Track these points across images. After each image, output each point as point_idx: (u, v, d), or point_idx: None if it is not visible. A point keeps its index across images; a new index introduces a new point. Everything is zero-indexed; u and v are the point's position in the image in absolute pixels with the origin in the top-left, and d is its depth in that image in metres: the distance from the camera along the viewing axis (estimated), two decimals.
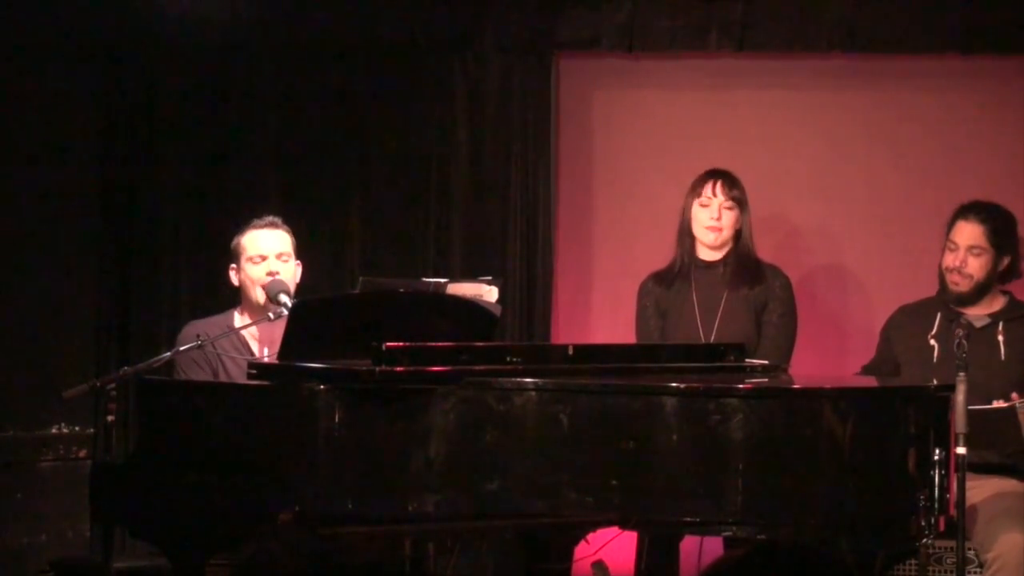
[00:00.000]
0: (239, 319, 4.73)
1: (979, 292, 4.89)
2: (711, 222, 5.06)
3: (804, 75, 5.84)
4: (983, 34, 5.63)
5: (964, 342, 4.09)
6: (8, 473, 5.52)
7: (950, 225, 4.94)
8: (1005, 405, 4.61)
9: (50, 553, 5.25)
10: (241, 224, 4.80)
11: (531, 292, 5.82)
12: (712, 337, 5.01)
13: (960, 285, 4.88)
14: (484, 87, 5.87)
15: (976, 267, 4.87)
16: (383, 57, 5.88)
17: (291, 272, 4.71)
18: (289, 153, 5.90)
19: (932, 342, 4.91)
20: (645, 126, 5.91)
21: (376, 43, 5.86)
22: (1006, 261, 4.91)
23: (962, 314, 4.86)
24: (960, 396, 3.91)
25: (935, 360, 4.86)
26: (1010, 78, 5.74)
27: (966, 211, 4.92)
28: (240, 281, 4.73)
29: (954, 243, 4.90)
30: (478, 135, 5.87)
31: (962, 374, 3.96)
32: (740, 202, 5.07)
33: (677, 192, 5.26)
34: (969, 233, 4.88)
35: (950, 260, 4.90)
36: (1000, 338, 4.86)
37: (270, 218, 4.76)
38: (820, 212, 5.82)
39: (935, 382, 3.99)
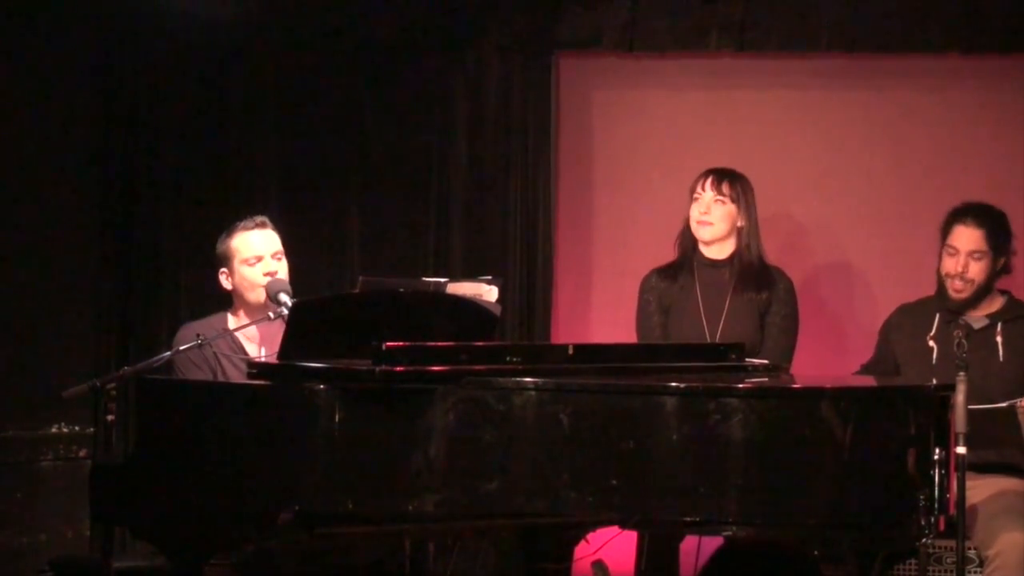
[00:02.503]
0: (232, 321, 4.72)
1: (980, 296, 4.88)
2: (701, 217, 5.07)
3: (804, 75, 5.84)
4: (983, 33, 5.63)
5: (964, 342, 4.10)
6: (8, 473, 5.52)
7: (946, 229, 4.91)
8: (1005, 405, 4.60)
9: (50, 553, 5.25)
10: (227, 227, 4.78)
11: (531, 292, 5.83)
12: (717, 337, 5.01)
13: (963, 292, 4.86)
14: (484, 87, 5.88)
15: (977, 271, 4.85)
16: (383, 57, 5.88)
17: (285, 270, 4.70)
18: (289, 153, 5.90)
19: (931, 343, 4.91)
20: (645, 126, 5.91)
21: (376, 43, 5.86)
22: (1002, 261, 4.90)
23: (960, 315, 4.87)
24: (960, 396, 3.91)
25: (934, 361, 4.86)
26: (1010, 78, 5.74)
27: (962, 215, 4.89)
28: (235, 284, 4.69)
29: (953, 248, 4.87)
30: (478, 135, 5.88)
31: (962, 373, 3.96)
32: (735, 199, 5.05)
33: (677, 192, 5.26)
34: (969, 238, 4.86)
35: (951, 266, 4.87)
36: (999, 339, 4.86)
37: (259, 218, 4.74)
38: (820, 212, 5.82)
39: (934, 383, 3.98)
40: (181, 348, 4.44)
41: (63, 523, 5.58)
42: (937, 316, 4.92)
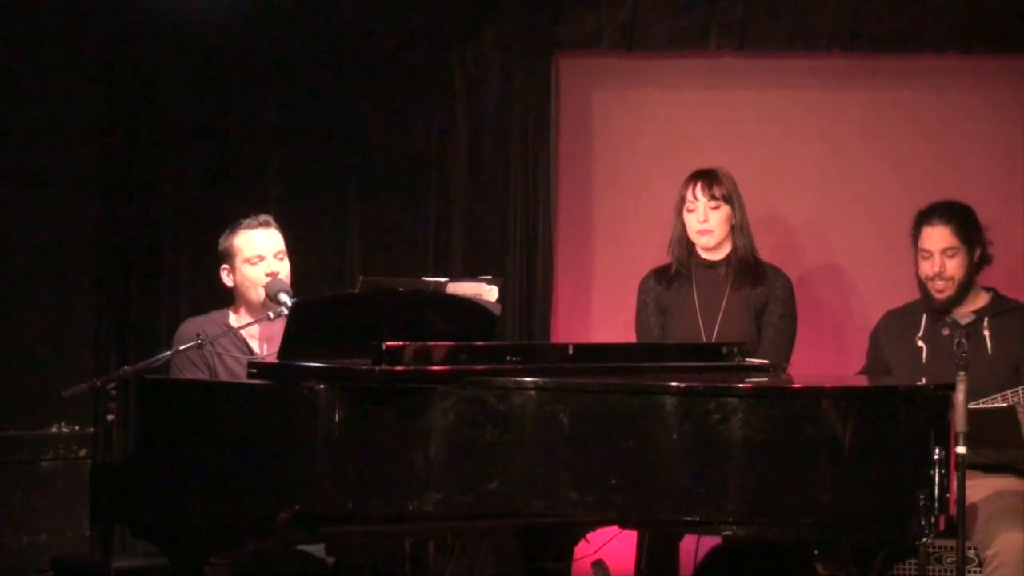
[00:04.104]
0: (234, 318, 4.71)
1: (963, 292, 4.89)
2: (699, 226, 5.05)
3: (804, 75, 5.84)
4: (983, 34, 5.63)
5: (964, 341, 4.10)
6: (8, 473, 5.52)
7: (916, 233, 4.93)
8: (1005, 404, 4.61)
9: (50, 553, 5.25)
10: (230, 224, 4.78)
11: (531, 292, 5.83)
12: (713, 337, 5.01)
13: (945, 291, 4.88)
14: (484, 87, 5.88)
15: (954, 267, 4.87)
16: (383, 57, 5.88)
17: (287, 270, 4.70)
18: (289, 153, 5.90)
19: (920, 343, 4.92)
20: (645, 126, 5.91)
21: (376, 42, 5.86)
22: (978, 252, 4.92)
23: (947, 314, 4.88)
24: (960, 395, 3.91)
25: (924, 361, 4.87)
26: (1010, 78, 5.74)
27: (928, 217, 4.91)
28: (236, 282, 4.69)
29: (927, 251, 4.89)
30: (478, 135, 5.88)
31: (962, 373, 3.96)
32: (727, 198, 5.04)
33: (677, 192, 5.25)
34: (938, 237, 4.88)
35: (927, 268, 4.90)
36: (986, 334, 4.87)
37: (263, 217, 4.74)
38: (819, 212, 5.82)
39: (924, 382, 3.98)
40: (181, 348, 4.44)
41: (63, 523, 5.58)
42: (924, 317, 4.94)
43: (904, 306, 5.06)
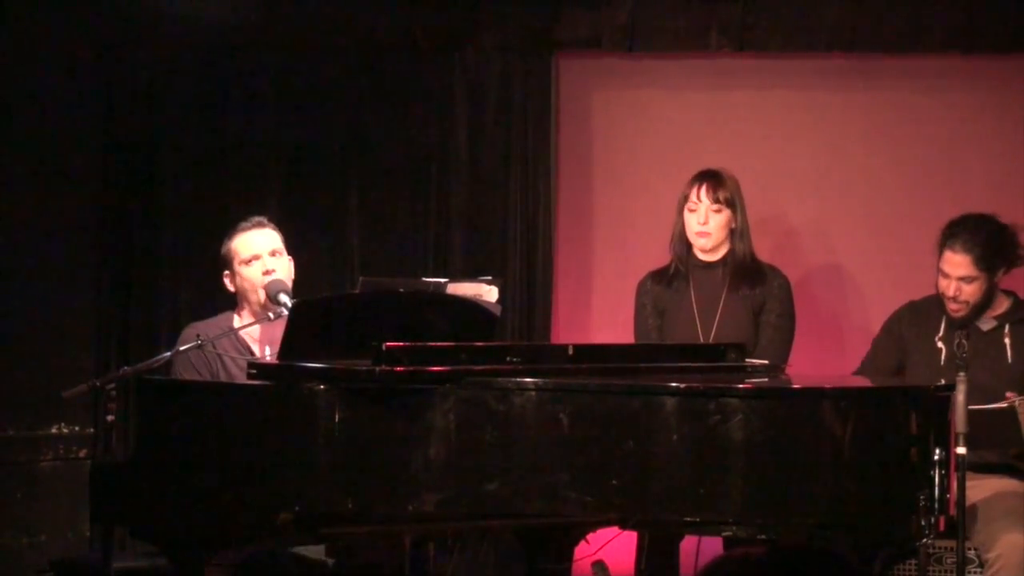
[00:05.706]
0: (238, 321, 4.72)
1: (980, 310, 4.86)
2: (699, 227, 5.04)
3: (804, 75, 5.84)
4: (983, 34, 5.63)
5: (964, 342, 4.09)
6: (8, 473, 5.52)
7: (940, 249, 4.85)
8: (1005, 405, 4.60)
9: (50, 553, 5.25)
10: (228, 229, 4.79)
11: (531, 292, 5.83)
12: (711, 338, 5.00)
13: (959, 311, 4.84)
14: (484, 87, 5.88)
15: (970, 293, 4.83)
16: (383, 57, 5.88)
17: (286, 267, 4.70)
18: (289, 153, 5.90)
19: (939, 344, 4.90)
20: (645, 126, 5.91)
21: (375, 43, 5.86)
22: (1001, 272, 4.87)
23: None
24: (960, 396, 3.91)
25: (942, 362, 4.85)
26: (1010, 78, 5.74)
27: (953, 239, 4.82)
28: (237, 285, 4.70)
29: (945, 273, 4.84)
30: (478, 135, 5.88)
31: (962, 374, 3.96)
32: (729, 203, 5.03)
33: (677, 192, 5.25)
34: (958, 263, 4.81)
35: (944, 287, 4.85)
36: (1006, 340, 4.85)
37: (256, 218, 4.75)
38: (819, 212, 5.82)
39: (943, 383, 3.98)
40: (181, 348, 4.43)
41: (63, 523, 5.58)
42: (944, 317, 4.92)
43: (925, 299, 5.00)
